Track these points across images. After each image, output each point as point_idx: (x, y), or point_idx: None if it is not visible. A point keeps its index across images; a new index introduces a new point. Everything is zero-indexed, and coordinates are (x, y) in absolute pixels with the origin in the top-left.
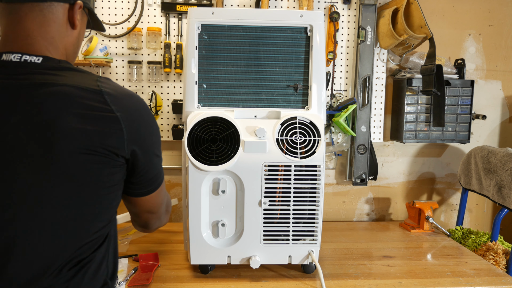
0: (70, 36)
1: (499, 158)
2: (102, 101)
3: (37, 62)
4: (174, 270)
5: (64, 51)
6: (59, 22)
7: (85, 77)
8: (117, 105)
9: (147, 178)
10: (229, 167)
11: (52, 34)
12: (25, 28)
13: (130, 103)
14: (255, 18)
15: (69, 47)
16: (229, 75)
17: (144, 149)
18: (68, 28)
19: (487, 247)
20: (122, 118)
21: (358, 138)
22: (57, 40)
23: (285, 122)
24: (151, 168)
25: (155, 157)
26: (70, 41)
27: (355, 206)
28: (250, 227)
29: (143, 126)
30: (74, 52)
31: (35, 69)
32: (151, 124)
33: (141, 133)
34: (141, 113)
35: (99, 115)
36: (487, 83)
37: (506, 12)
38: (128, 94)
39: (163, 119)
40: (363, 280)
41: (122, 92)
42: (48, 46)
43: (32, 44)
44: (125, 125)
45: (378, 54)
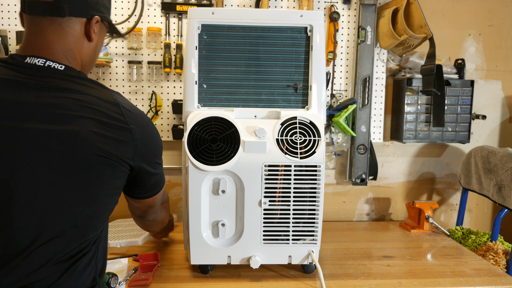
0: (86, 48)
1: (499, 158)
2: (119, 112)
3: (60, 69)
4: (174, 270)
5: (80, 61)
6: (77, 35)
7: (102, 90)
8: (131, 118)
9: (151, 184)
10: (229, 167)
11: (70, 46)
12: (46, 38)
13: (141, 119)
14: (255, 18)
15: (85, 58)
16: (229, 75)
17: (150, 160)
18: (85, 41)
19: (487, 247)
20: (135, 131)
21: (358, 138)
22: (74, 52)
23: (285, 122)
24: (154, 175)
25: (157, 165)
26: (86, 53)
27: (355, 206)
28: (250, 227)
29: (151, 140)
30: (89, 62)
31: (58, 74)
32: (157, 139)
33: (148, 147)
34: (150, 129)
35: (116, 125)
36: (487, 83)
37: (506, 12)
38: (139, 111)
39: (163, 119)
40: (363, 280)
41: (134, 108)
42: (67, 56)
43: (53, 53)
44: (137, 137)
45: (378, 54)
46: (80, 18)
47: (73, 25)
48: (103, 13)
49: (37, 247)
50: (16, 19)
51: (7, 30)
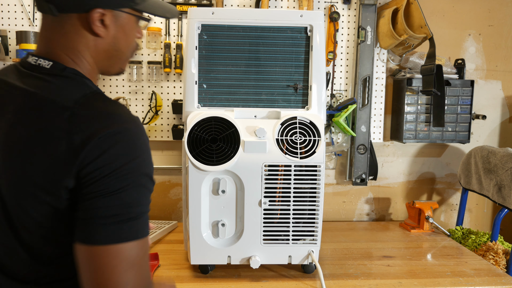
0: (98, 44)
1: (499, 158)
2: (61, 118)
3: (46, 67)
4: (174, 270)
5: (93, 59)
6: (80, 32)
7: (69, 89)
8: (79, 125)
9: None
10: (229, 167)
11: (74, 44)
12: (46, 36)
13: (100, 127)
14: (255, 18)
15: (100, 54)
16: (229, 75)
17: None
18: (91, 36)
19: (487, 247)
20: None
21: (358, 138)
22: (80, 49)
23: (285, 122)
24: (109, 197)
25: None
26: (100, 49)
27: (355, 206)
28: (250, 227)
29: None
30: (108, 58)
31: (40, 73)
32: (126, 151)
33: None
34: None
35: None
36: (487, 83)
37: (506, 12)
38: (108, 118)
39: (163, 119)
40: (363, 280)
41: (102, 114)
42: (68, 54)
43: (50, 51)
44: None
45: (378, 54)
46: (75, 14)
47: (73, 22)
48: (113, 2)
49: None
50: (16, 19)
51: (7, 30)
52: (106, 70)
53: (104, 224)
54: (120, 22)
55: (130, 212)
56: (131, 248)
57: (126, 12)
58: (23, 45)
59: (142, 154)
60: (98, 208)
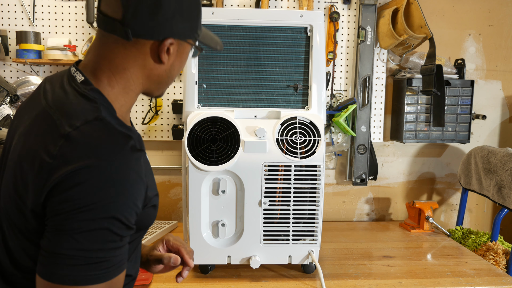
0: (155, 69)
1: (499, 158)
2: (53, 142)
3: (78, 81)
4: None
5: (142, 84)
6: (144, 57)
7: (80, 114)
8: (67, 153)
9: (46, 245)
10: (229, 167)
11: (127, 66)
12: (101, 53)
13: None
14: (255, 18)
15: (152, 78)
16: (229, 75)
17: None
18: (152, 62)
19: (487, 247)
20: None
21: (358, 138)
22: (131, 71)
23: (285, 122)
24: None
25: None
26: (155, 73)
27: (355, 206)
28: (250, 227)
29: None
30: (159, 83)
31: (70, 86)
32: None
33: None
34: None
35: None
36: (487, 83)
37: (506, 12)
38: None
39: (163, 119)
40: (363, 280)
41: (95, 143)
42: (114, 75)
43: (96, 68)
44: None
45: (378, 54)
46: (147, 40)
47: (139, 46)
48: (183, 33)
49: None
50: (16, 19)
51: (7, 30)
52: (151, 92)
53: (63, 264)
54: (180, 51)
55: (90, 256)
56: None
57: (189, 43)
58: (23, 45)
59: (116, 196)
60: (59, 244)
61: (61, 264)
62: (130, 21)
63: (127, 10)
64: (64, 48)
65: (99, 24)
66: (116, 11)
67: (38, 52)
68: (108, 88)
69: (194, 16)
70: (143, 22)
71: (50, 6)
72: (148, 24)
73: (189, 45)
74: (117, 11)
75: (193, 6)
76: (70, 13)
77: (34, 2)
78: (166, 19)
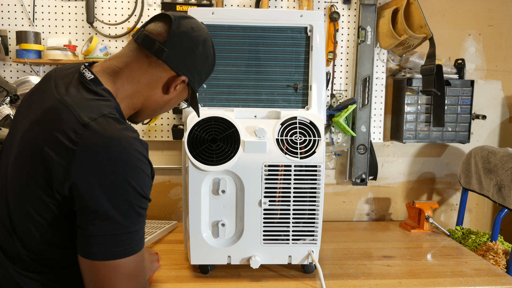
0: (157, 97)
1: (499, 158)
2: (74, 129)
3: (87, 78)
4: (174, 270)
5: (141, 103)
6: (158, 81)
7: (95, 107)
8: (86, 139)
9: (93, 232)
10: (229, 167)
11: (142, 79)
12: (127, 62)
13: (102, 141)
14: (255, 18)
15: (150, 103)
16: (229, 75)
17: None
18: (160, 90)
19: (487, 247)
20: (78, 152)
21: (358, 138)
22: (141, 89)
23: (285, 122)
24: (107, 221)
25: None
26: (155, 100)
27: (355, 206)
28: (250, 227)
29: (105, 166)
30: (153, 110)
31: (81, 82)
32: (122, 169)
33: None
34: (109, 154)
35: (59, 141)
36: (487, 83)
37: (506, 12)
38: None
39: (163, 119)
40: (363, 280)
41: (109, 133)
42: (129, 84)
43: (117, 76)
44: (77, 158)
45: (378, 54)
46: (170, 68)
47: (159, 69)
48: (193, 80)
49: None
50: (16, 19)
51: (7, 30)
52: (138, 114)
53: (100, 242)
54: (182, 92)
55: (124, 230)
56: (127, 263)
57: (188, 91)
58: (23, 45)
59: (135, 174)
60: (93, 226)
61: (100, 242)
62: (168, 47)
63: (170, 40)
64: (64, 48)
65: (139, 39)
66: (161, 35)
67: (38, 52)
68: (118, 92)
69: (206, 76)
70: (176, 54)
71: (50, 6)
72: (179, 58)
73: (187, 92)
74: (162, 35)
75: (210, 69)
76: (70, 13)
77: (34, 2)
78: (192, 64)
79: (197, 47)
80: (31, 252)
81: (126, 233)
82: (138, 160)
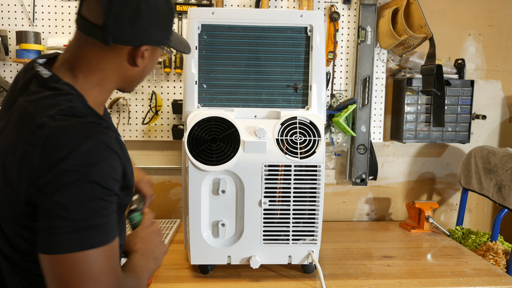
0: (129, 71)
1: (499, 158)
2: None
3: (44, 76)
4: (174, 270)
5: (116, 83)
6: (121, 60)
7: (53, 103)
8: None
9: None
10: (229, 167)
11: (103, 66)
12: (79, 53)
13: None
14: (255, 18)
15: (126, 81)
16: (229, 75)
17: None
18: (128, 65)
19: (487, 247)
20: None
21: (358, 138)
22: (107, 72)
23: (285, 122)
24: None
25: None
26: (130, 74)
27: (355, 206)
28: (250, 227)
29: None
30: (131, 82)
31: (38, 84)
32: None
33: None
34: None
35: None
36: (487, 83)
37: (506, 12)
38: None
39: (163, 119)
40: (363, 280)
41: (66, 131)
42: (90, 73)
43: (72, 67)
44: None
45: (378, 54)
46: (125, 46)
47: (116, 50)
48: (157, 40)
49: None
50: (16, 19)
51: (7, 30)
52: (123, 89)
53: (58, 235)
54: (153, 55)
55: (81, 224)
56: (87, 257)
57: (161, 48)
58: (23, 45)
59: (94, 165)
60: (51, 219)
61: (56, 236)
62: (110, 28)
63: (108, 18)
64: (64, 48)
65: (80, 27)
66: (97, 18)
67: (38, 52)
68: (83, 84)
69: (168, 25)
70: (122, 30)
71: (50, 6)
72: (127, 32)
73: (160, 49)
74: (98, 18)
75: (168, 16)
76: (70, 13)
77: (34, 2)
78: (144, 28)
79: (139, 9)
80: (21, 254)
81: (87, 226)
82: (97, 149)
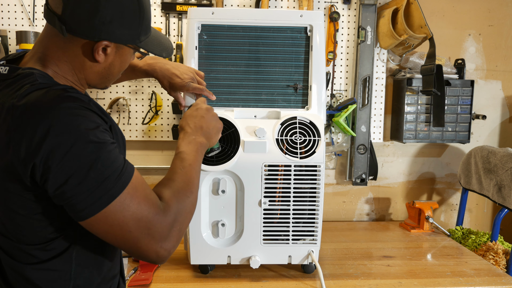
0: (93, 67)
1: (499, 158)
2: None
3: (4, 72)
4: (174, 270)
5: (83, 76)
6: (80, 54)
7: (19, 86)
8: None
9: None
10: (229, 167)
11: (67, 58)
12: (46, 44)
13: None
14: (255, 18)
15: (93, 77)
16: (229, 75)
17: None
18: (88, 61)
19: (487, 247)
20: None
21: (358, 138)
22: (73, 66)
23: (285, 122)
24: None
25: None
26: (93, 70)
27: (355, 206)
28: (250, 227)
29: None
30: (100, 80)
31: (4, 79)
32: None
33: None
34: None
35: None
36: (487, 83)
37: (506, 12)
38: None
39: (163, 119)
40: (363, 280)
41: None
42: (59, 66)
43: (43, 59)
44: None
45: (378, 54)
46: (81, 39)
47: (76, 43)
48: (121, 38)
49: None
50: (16, 19)
51: (7, 30)
52: (94, 86)
53: (80, 201)
54: (120, 52)
55: (94, 180)
56: (115, 207)
57: (129, 47)
58: (23, 45)
59: (78, 127)
60: (66, 187)
61: (77, 204)
62: (67, 18)
63: (66, 8)
64: None
65: (45, 15)
66: (57, 7)
67: None
68: (56, 71)
69: (134, 25)
70: (79, 22)
71: None
72: (84, 25)
73: (130, 48)
74: (58, 6)
75: (134, 16)
76: None
77: (34, 2)
78: (103, 23)
79: (98, 2)
80: (28, 244)
81: (100, 182)
82: (74, 110)
